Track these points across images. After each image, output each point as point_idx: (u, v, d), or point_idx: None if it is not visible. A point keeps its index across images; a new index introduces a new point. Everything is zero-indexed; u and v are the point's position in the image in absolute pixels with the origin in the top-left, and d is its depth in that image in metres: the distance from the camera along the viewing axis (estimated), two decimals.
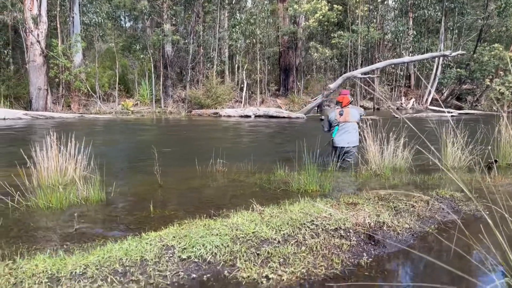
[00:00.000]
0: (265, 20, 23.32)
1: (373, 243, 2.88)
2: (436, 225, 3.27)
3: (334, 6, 21.71)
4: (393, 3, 27.23)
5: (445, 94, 25.01)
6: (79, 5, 19.20)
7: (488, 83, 21.59)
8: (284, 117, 16.52)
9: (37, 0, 16.03)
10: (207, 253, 2.54)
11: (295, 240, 2.80)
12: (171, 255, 2.53)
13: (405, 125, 5.73)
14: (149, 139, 10.42)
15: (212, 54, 20.52)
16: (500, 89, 20.82)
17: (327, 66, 26.16)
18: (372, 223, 3.13)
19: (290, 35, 22.63)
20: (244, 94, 20.73)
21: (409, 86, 27.35)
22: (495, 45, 21.93)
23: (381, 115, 15.06)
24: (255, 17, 21.75)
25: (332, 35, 23.44)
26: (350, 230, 3.00)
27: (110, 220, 3.49)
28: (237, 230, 2.91)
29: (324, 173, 4.87)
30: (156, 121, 16.20)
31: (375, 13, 25.81)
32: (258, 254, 2.58)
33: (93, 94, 18.35)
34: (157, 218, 3.52)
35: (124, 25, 28.12)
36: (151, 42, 18.80)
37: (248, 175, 5.23)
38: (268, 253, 2.59)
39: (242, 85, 21.03)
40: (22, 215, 3.62)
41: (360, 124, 6.12)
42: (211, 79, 19.35)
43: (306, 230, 2.94)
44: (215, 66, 20.38)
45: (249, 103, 21.17)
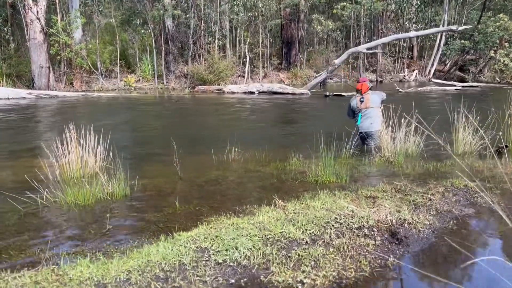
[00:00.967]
0: None
1: (397, 242, 3.00)
2: (455, 221, 3.39)
3: None
4: None
5: (448, 65, 24.81)
6: None
7: (492, 55, 21.36)
8: (288, 93, 16.47)
9: None
10: (241, 257, 2.64)
11: (322, 241, 2.91)
12: (207, 259, 2.63)
13: (412, 103, 5.83)
14: (159, 123, 10.44)
15: (214, 28, 20.20)
16: (504, 61, 20.66)
17: (330, 39, 25.80)
18: (394, 220, 3.24)
19: (292, 7, 22.20)
20: (247, 69, 20.55)
21: (412, 58, 27.08)
22: (500, 15, 21.55)
23: (385, 89, 14.99)
24: None
25: (335, 6, 22.98)
26: (374, 229, 3.11)
27: (140, 219, 3.60)
28: (265, 230, 3.02)
29: (339, 162, 4.96)
30: (160, 99, 16.14)
31: None
32: (289, 257, 2.69)
33: (95, 71, 18.21)
34: (184, 215, 3.63)
35: None
36: (151, 17, 18.46)
37: (264, 165, 5.32)
38: (299, 256, 2.69)
39: (244, 59, 20.82)
40: (53, 214, 3.73)
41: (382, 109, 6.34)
42: (213, 54, 19.15)
43: (331, 230, 3.06)
44: (217, 41, 20.10)
45: (252, 78, 21.02)
